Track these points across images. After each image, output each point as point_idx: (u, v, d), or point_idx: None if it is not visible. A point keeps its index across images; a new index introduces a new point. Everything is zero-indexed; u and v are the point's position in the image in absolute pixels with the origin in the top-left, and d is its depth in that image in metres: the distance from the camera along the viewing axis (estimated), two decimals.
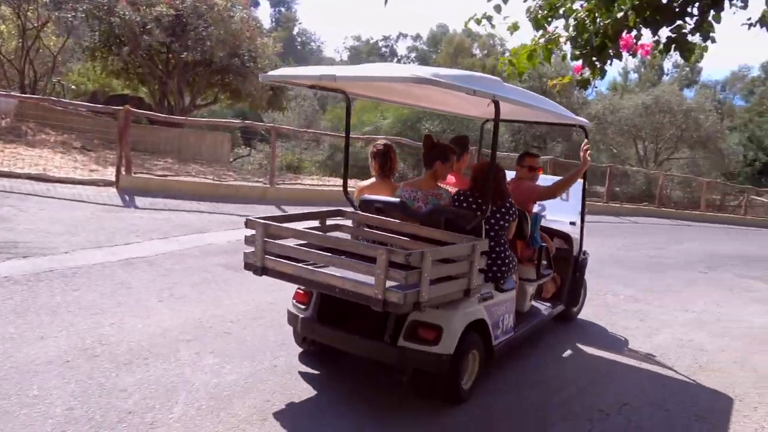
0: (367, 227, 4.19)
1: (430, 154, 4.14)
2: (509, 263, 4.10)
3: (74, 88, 20.37)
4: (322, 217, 4.27)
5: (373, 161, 4.57)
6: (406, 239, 3.92)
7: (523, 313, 4.72)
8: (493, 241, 3.96)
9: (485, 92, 3.23)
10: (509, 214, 4.08)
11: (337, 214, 4.44)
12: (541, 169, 5.32)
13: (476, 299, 3.71)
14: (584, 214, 5.64)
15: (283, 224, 3.76)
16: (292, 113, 29.03)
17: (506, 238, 4.18)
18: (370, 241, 4.07)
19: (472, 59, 52.37)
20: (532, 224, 4.79)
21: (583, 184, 5.51)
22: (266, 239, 3.57)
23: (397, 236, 3.98)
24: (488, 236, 3.90)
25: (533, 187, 5.03)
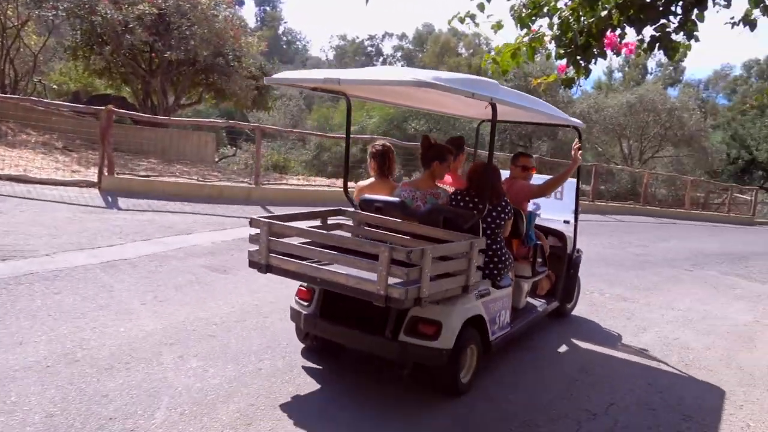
0: (367, 226, 4.29)
1: (427, 154, 4.25)
2: (506, 261, 4.20)
3: (56, 87, 20.12)
4: (323, 216, 4.40)
5: (372, 161, 4.66)
6: (405, 237, 4.02)
7: (518, 309, 4.83)
8: (489, 239, 4.04)
9: (483, 95, 3.35)
10: (505, 212, 4.18)
11: (338, 213, 4.54)
12: (534, 168, 5.42)
13: (474, 295, 3.82)
14: (578, 212, 5.74)
15: (286, 223, 3.90)
16: (277, 113, 28.96)
17: (502, 236, 4.28)
18: (369, 239, 4.12)
19: (458, 58, 52.51)
20: (527, 222, 4.88)
21: (576, 183, 5.65)
22: (270, 238, 3.68)
23: (396, 235, 4.08)
24: (485, 234, 4.00)
25: (526, 186, 5.13)
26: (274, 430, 3.24)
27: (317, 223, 4.33)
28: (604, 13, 3.44)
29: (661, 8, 3.38)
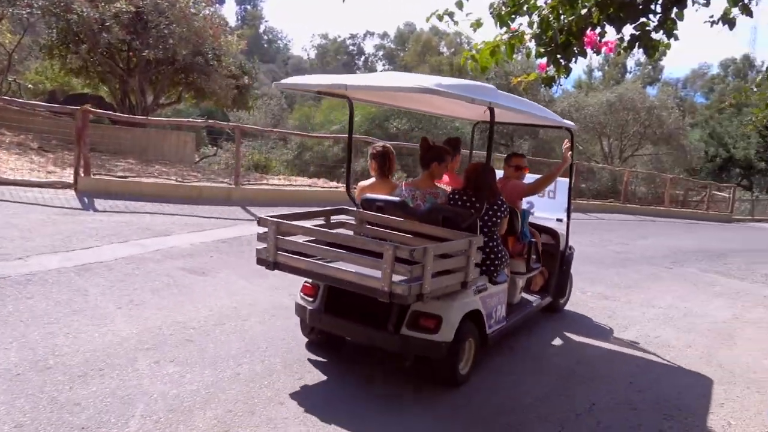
0: (369, 224, 4.45)
1: (426, 155, 4.39)
2: (502, 257, 4.37)
3: (32, 87, 19.73)
4: (326, 215, 4.58)
5: (372, 162, 4.78)
6: (406, 236, 4.18)
7: (513, 304, 5.01)
8: (486, 236, 4.20)
9: (482, 100, 3.53)
10: (501, 211, 4.37)
11: (340, 212, 4.70)
12: (527, 168, 5.58)
13: (472, 291, 4.00)
14: (570, 211, 5.90)
15: (293, 222, 4.07)
16: (258, 112, 28.73)
17: (498, 234, 4.45)
18: (371, 237, 4.26)
19: (439, 57, 52.56)
20: (521, 220, 5.06)
21: (569, 182, 5.86)
22: (278, 236, 3.85)
23: (397, 233, 4.23)
24: (482, 232, 4.17)
25: (519, 185, 5.31)
26: None
27: (320, 221, 4.49)
28: (583, 11, 3.41)
29: (640, 6, 3.36)
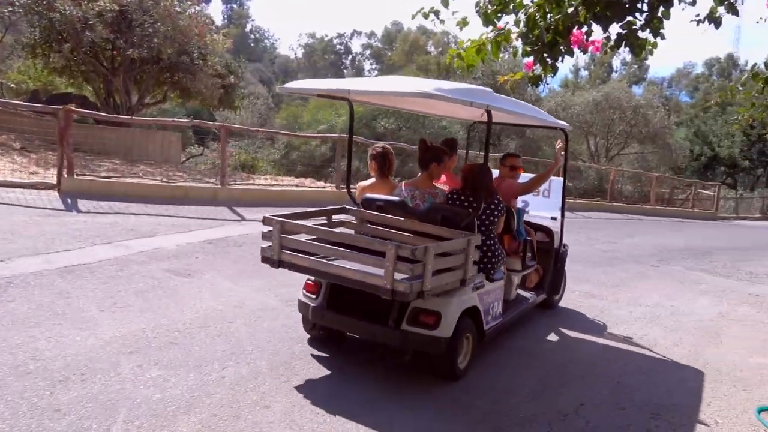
0: (369, 223, 4.54)
1: (425, 156, 4.49)
2: (499, 255, 4.52)
3: (14, 86, 19.47)
4: (328, 214, 4.69)
5: (372, 162, 4.88)
6: (405, 234, 4.28)
7: (509, 301, 5.14)
8: (484, 235, 4.34)
9: (480, 103, 3.63)
10: (498, 210, 4.50)
11: (341, 211, 4.79)
12: (522, 168, 5.73)
13: (470, 288, 4.12)
14: (564, 209, 6.04)
15: (297, 221, 4.16)
16: (245, 111, 28.58)
17: (495, 232, 4.57)
18: (372, 236, 4.34)
19: (427, 56, 52.60)
20: (516, 219, 5.22)
21: (563, 182, 5.98)
22: (283, 235, 3.93)
23: (397, 232, 4.32)
24: (480, 231, 4.29)
25: (514, 184, 5.46)
26: None
27: (322, 220, 4.60)
28: (570, 9, 3.40)
29: (627, 5, 3.36)
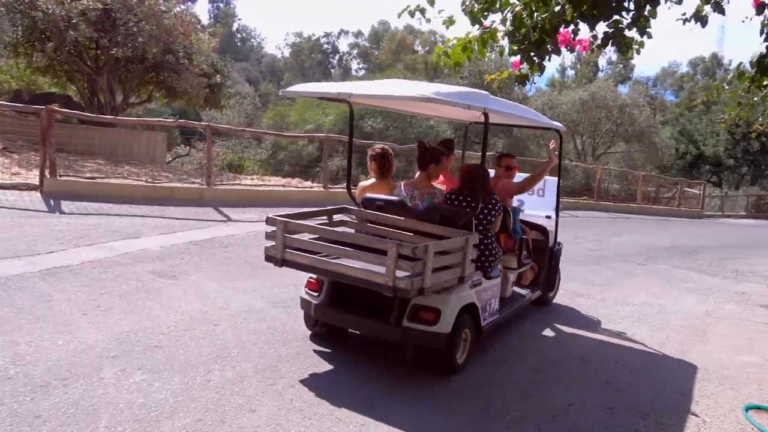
0: (369, 223, 4.63)
1: (424, 157, 4.62)
2: (496, 254, 4.63)
3: None
4: (329, 214, 4.79)
5: (372, 163, 5.00)
6: (404, 233, 4.35)
7: (505, 298, 5.22)
8: (482, 234, 4.45)
9: (478, 106, 3.73)
10: (495, 210, 4.61)
11: (342, 211, 4.90)
12: (516, 168, 5.83)
13: (468, 286, 4.24)
14: (559, 208, 6.19)
15: (300, 221, 4.27)
16: (232, 111, 28.43)
17: (493, 231, 4.69)
18: (372, 235, 4.45)
19: (414, 56, 52.59)
20: (512, 218, 5.35)
21: (557, 181, 6.16)
22: (286, 234, 4.04)
23: (396, 230, 4.40)
24: (477, 230, 4.37)
25: (509, 184, 5.59)
26: None
27: (323, 220, 4.70)
28: (557, 8, 3.38)
29: (614, 4, 3.35)
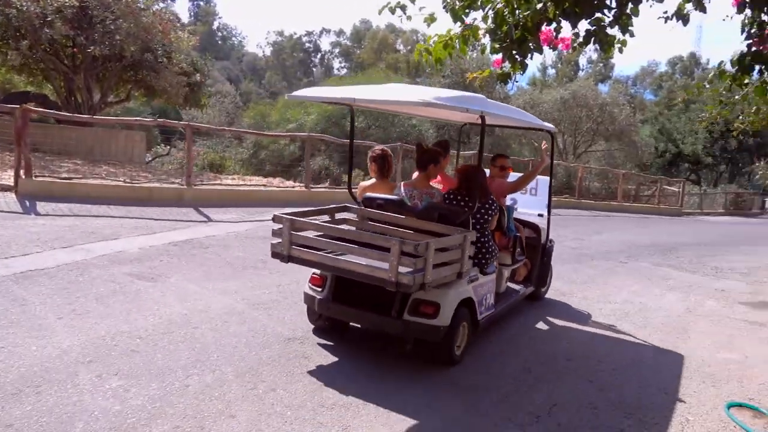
0: (370, 221, 4.78)
1: (423, 158, 4.78)
2: (492, 251, 4.82)
3: None
4: (331, 212, 4.92)
5: (372, 164, 5.18)
6: (404, 231, 4.50)
7: (500, 293, 5.40)
8: (479, 232, 4.61)
9: (475, 109, 3.85)
10: (492, 209, 4.79)
11: (343, 209, 5.02)
12: (511, 168, 6.04)
13: (466, 281, 4.39)
14: (551, 207, 6.37)
15: (306, 219, 4.37)
16: (212, 110, 28.17)
17: (489, 229, 4.86)
18: (373, 232, 4.54)
19: (396, 55, 52.61)
20: (507, 216, 5.54)
21: (549, 180, 6.35)
22: (292, 232, 4.17)
23: (396, 228, 4.56)
24: (475, 229, 4.56)
25: (504, 183, 5.77)
26: None
27: (326, 218, 4.83)
28: (539, 5, 3.35)
29: (595, 2, 3.32)
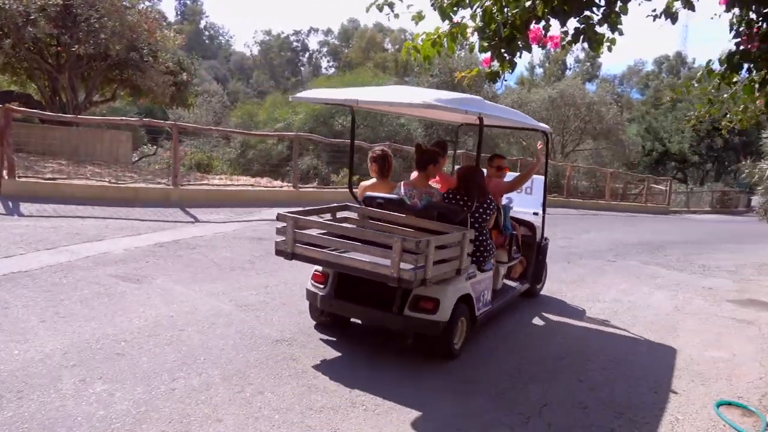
0: (370, 219, 4.89)
1: (422, 158, 4.92)
2: (489, 249, 4.96)
3: None
4: (332, 211, 5.01)
5: (373, 164, 5.27)
6: (403, 229, 4.63)
7: (497, 290, 5.50)
8: (477, 231, 4.74)
9: (473, 111, 3.94)
10: (490, 208, 4.93)
11: (344, 208, 5.11)
12: (507, 168, 6.16)
13: (464, 278, 4.50)
14: (545, 205, 6.47)
15: (309, 217, 4.47)
16: (199, 110, 28.01)
17: (487, 228, 4.98)
18: (373, 230, 4.58)
19: (384, 54, 52.59)
20: (503, 215, 5.65)
21: (544, 180, 6.43)
22: (296, 230, 4.27)
23: (396, 227, 4.68)
24: (473, 227, 4.68)
25: (501, 183, 5.91)
26: None
27: (328, 216, 4.92)
28: (527, 3, 3.32)
29: (584, 0, 3.30)
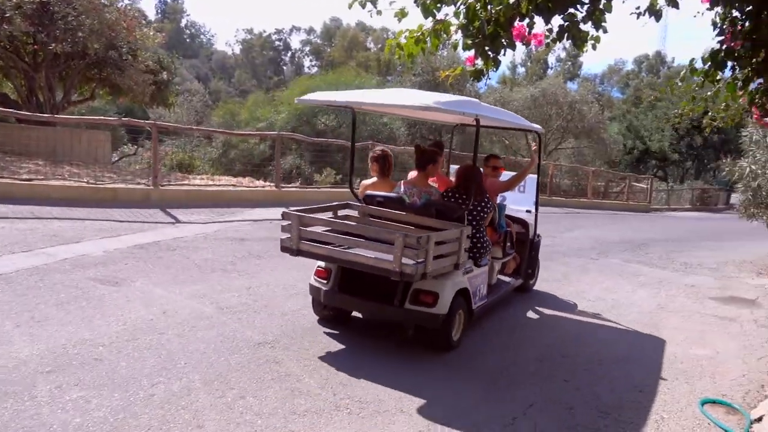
0: (371, 217, 5.07)
1: (422, 158, 5.12)
2: (486, 245, 5.16)
3: None
4: (334, 209, 5.13)
5: (374, 164, 5.48)
6: (403, 226, 4.77)
7: (492, 285, 5.66)
8: (474, 228, 4.97)
9: (470, 113, 4.11)
10: (488, 207, 5.16)
11: (345, 206, 5.22)
12: (503, 168, 6.39)
13: (462, 272, 4.71)
14: (538, 204, 6.70)
15: (314, 215, 4.65)
16: (180, 109, 27.71)
17: (484, 225, 5.18)
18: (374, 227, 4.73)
19: (366, 53, 52.50)
20: (498, 213, 5.88)
21: (537, 178, 6.70)
22: (301, 227, 4.43)
23: (396, 224, 4.84)
24: (471, 224, 4.88)
25: (496, 182, 6.09)
26: None
27: (329, 214, 5.04)
28: (511, 1, 3.28)
29: None
